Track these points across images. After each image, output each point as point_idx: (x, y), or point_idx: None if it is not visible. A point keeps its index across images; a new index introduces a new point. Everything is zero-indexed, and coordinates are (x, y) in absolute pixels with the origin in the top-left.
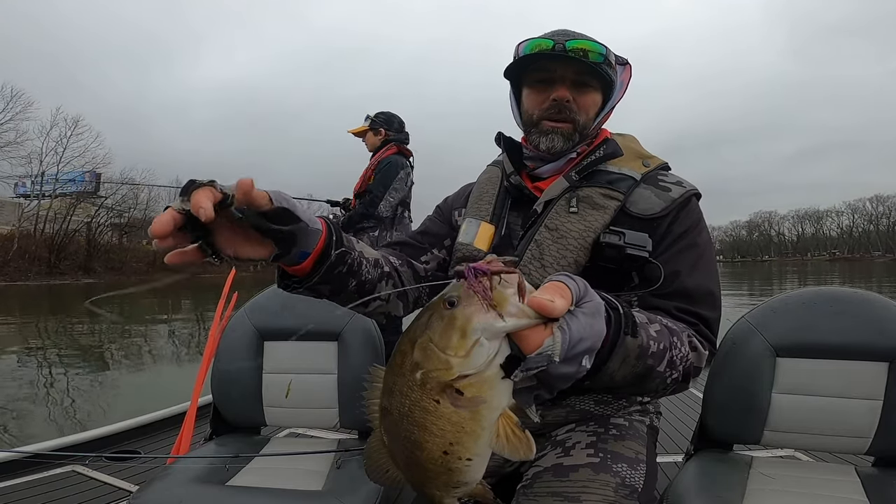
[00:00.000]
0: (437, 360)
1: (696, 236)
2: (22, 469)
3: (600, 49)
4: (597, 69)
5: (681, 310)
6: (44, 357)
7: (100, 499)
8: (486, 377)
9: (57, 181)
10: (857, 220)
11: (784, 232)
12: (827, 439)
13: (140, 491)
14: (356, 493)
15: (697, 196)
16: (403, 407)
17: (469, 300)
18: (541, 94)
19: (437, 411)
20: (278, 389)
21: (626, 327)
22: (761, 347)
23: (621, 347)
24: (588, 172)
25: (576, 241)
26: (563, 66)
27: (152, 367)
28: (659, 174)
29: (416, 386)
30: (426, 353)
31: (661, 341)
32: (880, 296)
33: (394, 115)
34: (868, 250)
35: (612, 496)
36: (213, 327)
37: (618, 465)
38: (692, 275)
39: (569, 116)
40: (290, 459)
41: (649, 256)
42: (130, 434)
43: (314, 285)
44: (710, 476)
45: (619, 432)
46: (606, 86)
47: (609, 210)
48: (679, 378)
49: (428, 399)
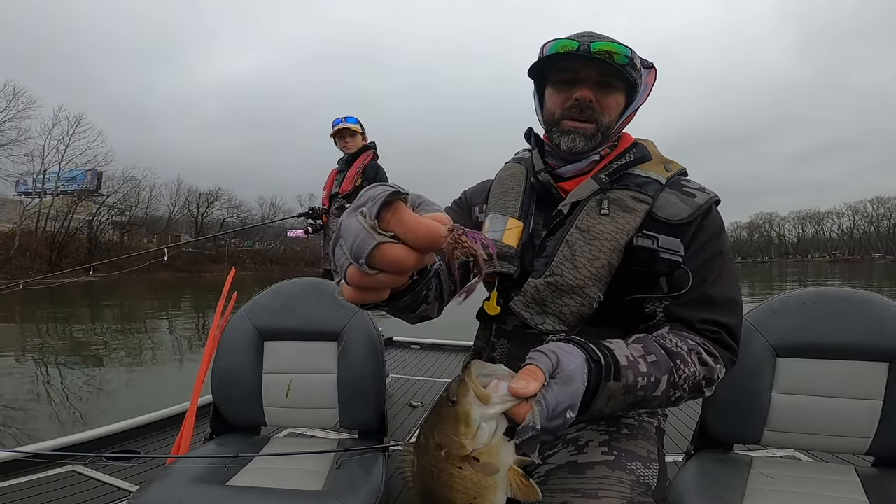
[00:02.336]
0: (454, 443)
1: (721, 245)
2: (22, 469)
3: (625, 51)
4: (621, 71)
5: (704, 321)
6: (42, 355)
7: (100, 499)
8: (492, 447)
9: (59, 179)
10: (858, 222)
11: (784, 233)
12: (827, 439)
13: (140, 491)
14: (356, 493)
15: (717, 202)
16: (433, 475)
17: (465, 398)
18: (564, 93)
19: (461, 475)
20: (278, 389)
21: (607, 376)
22: (761, 347)
23: (603, 391)
24: (617, 176)
25: (608, 243)
26: (587, 66)
27: (155, 366)
28: (681, 179)
29: (441, 460)
30: (445, 438)
31: (651, 374)
32: (880, 296)
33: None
34: (869, 252)
35: (629, 493)
36: (213, 327)
37: (632, 463)
38: (716, 284)
39: (591, 116)
40: (290, 459)
41: (681, 263)
42: (130, 434)
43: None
44: (710, 476)
45: (630, 432)
46: (630, 88)
47: (640, 213)
48: (684, 396)
49: (453, 467)
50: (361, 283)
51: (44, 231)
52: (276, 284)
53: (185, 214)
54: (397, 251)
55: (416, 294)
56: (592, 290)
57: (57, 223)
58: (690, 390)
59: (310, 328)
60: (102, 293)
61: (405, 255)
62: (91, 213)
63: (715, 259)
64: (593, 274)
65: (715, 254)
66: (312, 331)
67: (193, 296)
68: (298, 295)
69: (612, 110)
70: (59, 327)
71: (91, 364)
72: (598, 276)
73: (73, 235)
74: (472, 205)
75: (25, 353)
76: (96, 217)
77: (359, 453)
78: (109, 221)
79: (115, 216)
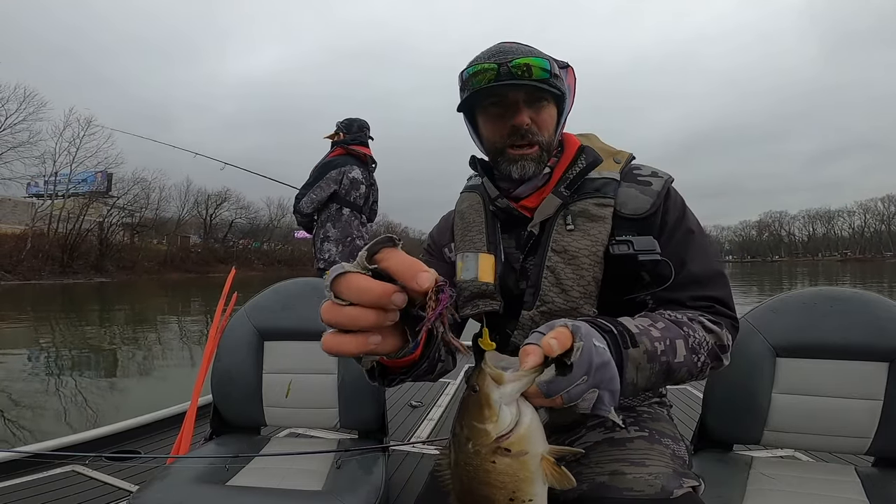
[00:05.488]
0: (479, 432)
1: (688, 223)
2: (22, 469)
3: (544, 64)
4: (545, 86)
5: (694, 297)
6: (56, 354)
7: (100, 499)
8: (521, 435)
9: (70, 181)
10: (869, 221)
11: (794, 232)
12: (827, 439)
13: (140, 491)
14: (356, 493)
15: (671, 181)
16: (469, 472)
17: (484, 383)
18: (499, 120)
19: (496, 469)
20: (278, 389)
21: (624, 344)
22: (761, 347)
23: (628, 361)
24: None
25: (587, 259)
26: (513, 89)
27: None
28: (633, 169)
29: (473, 455)
30: (471, 429)
31: (667, 338)
32: (880, 296)
33: (354, 120)
34: (880, 251)
35: (672, 464)
36: (213, 327)
37: (665, 439)
38: (695, 261)
39: (533, 140)
40: (290, 459)
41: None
42: (130, 434)
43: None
44: (710, 476)
45: (651, 415)
46: (558, 97)
47: (607, 220)
48: (707, 360)
49: (486, 462)
50: (332, 318)
51: (55, 233)
52: (276, 284)
53: (194, 216)
54: (362, 279)
55: (432, 362)
56: (585, 308)
57: (69, 225)
58: (709, 356)
59: (310, 328)
60: (115, 292)
61: (370, 286)
62: (102, 214)
63: (687, 239)
64: (582, 293)
65: (686, 233)
66: (312, 331)
67: (203, 297)
68: (298, 295)
69: (548, 125)
70: (71, 326)
71: (101, 363)
72: (588, 294)
73: (84, 237)
74: (441, 247)
75: (40, 351)
76: (107, 219)
77: (359, 453)
78: (120, 223)
79: (125, 217)
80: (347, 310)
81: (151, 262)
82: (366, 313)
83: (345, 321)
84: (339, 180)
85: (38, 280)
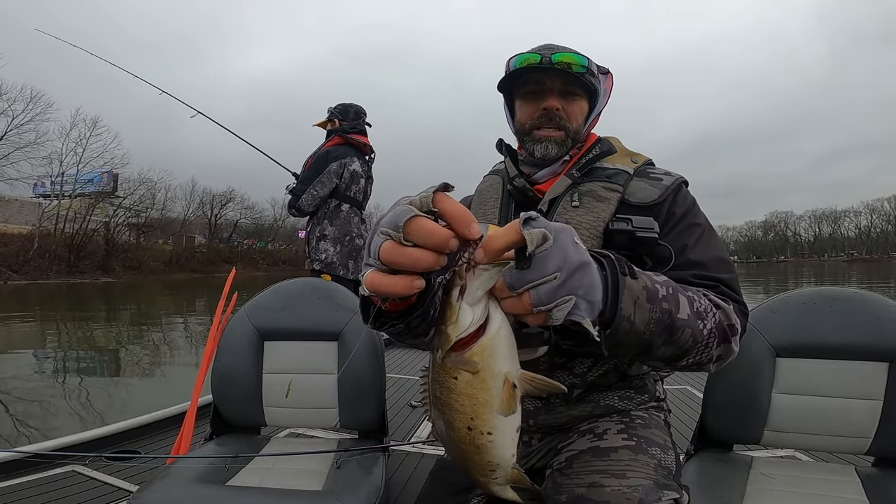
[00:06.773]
0: (443, 336)
1: (696, 217)
2: (22, 469)
3: (582, 61)
4: (581, 79)
5: (697, 276)
6: (63, 353)
7: (100, 499)
8: (483, 344)
9: (76, 181)
10: (876, 221)
11: (800, 232)
12: (827, 439)
13: (140, 491)
14: (356, 493)
15: (686, 184)
16: (436, 392)
17: (451, 282)
18: (532, 104)
19: (457, 388)
20: (278, 389)
21: (622, 271)
22: (761, 347)
23: (625, 288)
24: (588, 170)
25: (587, 232)
26: (550, 77)
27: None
28: (647, 168)
29: (439, 369)
30: (438, 334)
31: (671, 287)
32: (880, 296)
33: (350, 106)
34: (886, 251)
35: (654, 475)
36: (213, 327)
37: (652, 448)
38: (698, 247)
39: (560, 124)
40: (290, 459)
41: (658, 238)
42: (130, 434)
43: (411, 319)
44: (710, 476)
45: (644, 422)
46: (591, 94)
47: (612, 201)
48: (715, 332)
49: (449, 378)
50: (394, 258)
51: (62, 233)
52: (276, 284)
53: (199, 216)
54: (430, 223)
55: (425, 311)
56: None
57: (75, 225)
58: (717, 329)
59: (310, 328)
60: (121, 291)
61: (437, 229)
62: (108, 214)
63: (692, 229)
64: None
65: (691, 224)
66: (312, 331)
67: (207, 296)
68: (298, 295)
69: (577, 116)
70: (78, 326)
71: (106, 362)
72: None
73: (90, 237)
74: None
75: (47, 349)
76: (113, 219)
77: (359, 453)
78: (126, 223)
79: (131, 217)
80: (411, 251)
81: (157, 262)
82: (426, 255)
83: (406, 262)
84: (341, 174)
85: (44, 280)
